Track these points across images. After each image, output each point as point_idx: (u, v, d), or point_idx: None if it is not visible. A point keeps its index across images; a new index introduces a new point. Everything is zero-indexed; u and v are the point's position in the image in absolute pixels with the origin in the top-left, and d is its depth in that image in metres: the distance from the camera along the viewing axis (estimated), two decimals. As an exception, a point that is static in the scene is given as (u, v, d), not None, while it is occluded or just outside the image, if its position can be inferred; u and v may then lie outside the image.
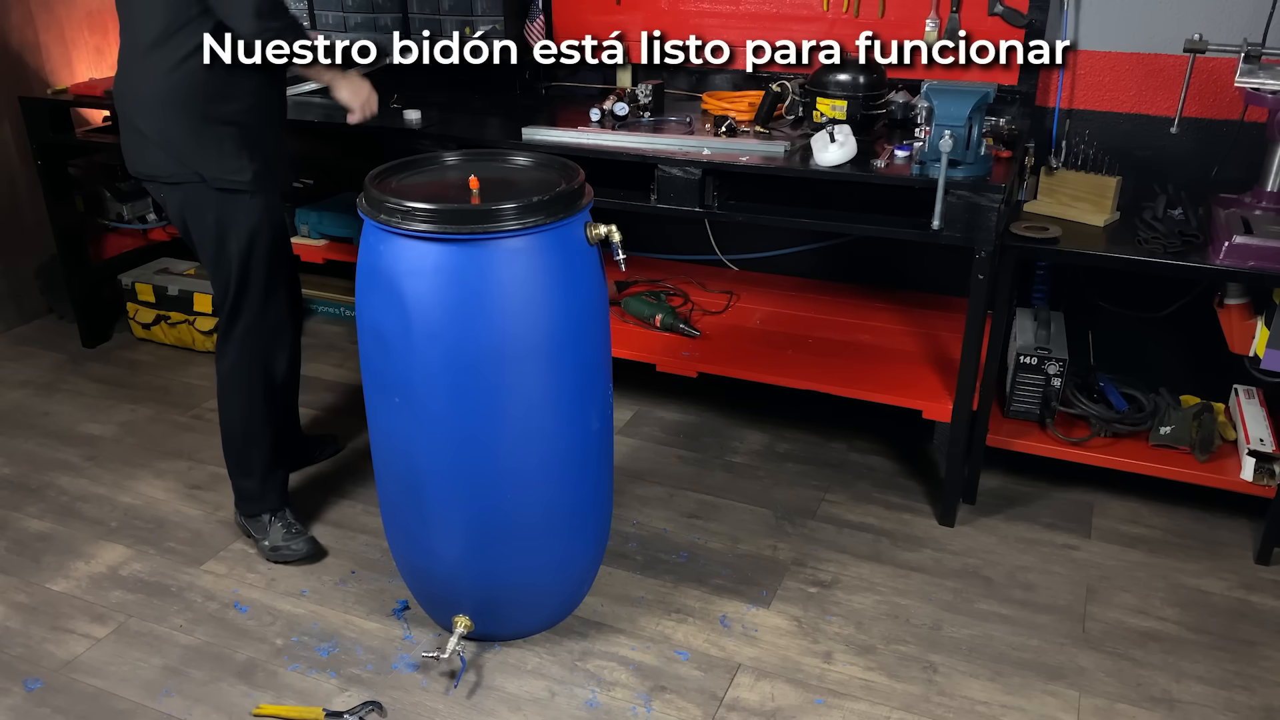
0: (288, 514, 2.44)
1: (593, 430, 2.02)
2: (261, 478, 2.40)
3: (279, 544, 2.40)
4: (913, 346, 2.76)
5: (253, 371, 2.34)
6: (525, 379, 1.88)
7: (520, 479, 1.96)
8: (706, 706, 1.99)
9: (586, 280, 1.92)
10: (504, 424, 1.90)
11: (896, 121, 2.57)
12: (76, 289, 3.51)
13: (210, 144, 2.14)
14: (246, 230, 2.21)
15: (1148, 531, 2.52)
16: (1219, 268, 2.19)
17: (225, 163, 2.16)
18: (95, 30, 3.74)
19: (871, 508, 2.62)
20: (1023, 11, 2.58)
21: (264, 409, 2.37)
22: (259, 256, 2.24)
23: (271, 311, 2.32)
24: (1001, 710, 1.98)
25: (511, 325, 1.83)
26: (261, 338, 2.32)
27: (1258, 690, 2.03)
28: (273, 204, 2.25)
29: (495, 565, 2.03)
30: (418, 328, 1.82)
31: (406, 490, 2.00)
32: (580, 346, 1.93)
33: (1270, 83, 2.21)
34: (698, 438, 2.95)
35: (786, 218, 2.43)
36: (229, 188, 2.17)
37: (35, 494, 2.71)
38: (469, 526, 1.99)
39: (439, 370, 1.84)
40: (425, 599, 2.19)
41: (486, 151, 2.12)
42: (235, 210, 2.19)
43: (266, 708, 1.98)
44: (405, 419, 1.92)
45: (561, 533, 2.06)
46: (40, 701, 2.02)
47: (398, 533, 2.11)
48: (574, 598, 2.23)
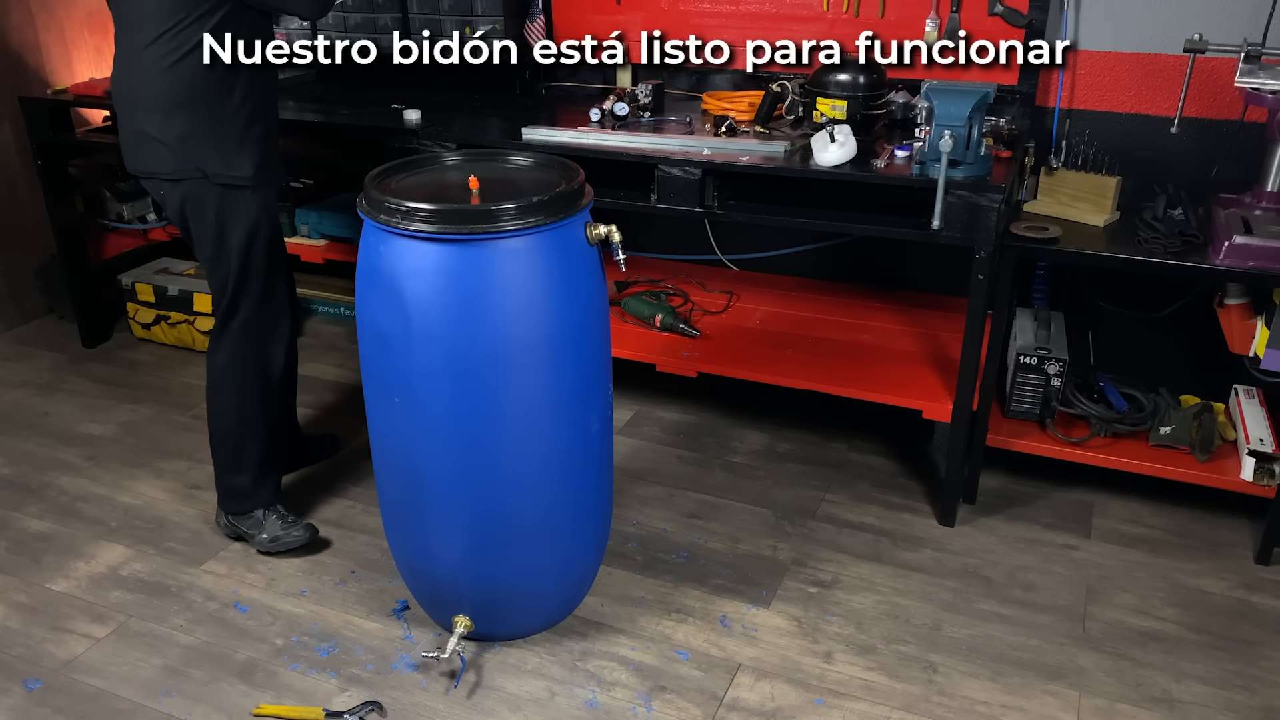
0: (280, 508, 2.44)
1: (593, 431, 2.02)
2: (255, 474, 2.40)
3: (277, 534, 2.39)
4: (913, 346, 2.76)
5: (248, 367, 2.34)
6: (525, 379, 1.88)
7: (520, 480, 1.96)
8: (706, 706, 1.99)
9: (587, 280, 1.92)
10: (504, 424, 1.90)
11: (896, 121, 2.57)
12: (76, 289, 3.51)
13: (211, 140, 2.16)
14: (246, 225, 2.22)
15: (1148, 531, 2.52)
16: (1219, 268, 2.19)
17: (226, 158, 2.17)
18: (95, 30, 3.74)
19: (871, 508, 2.62)
20: (1023, 11, 2.58)
21: (259, 405, 2.37)
22: (258, 251, 2.26)
23: (268, 307, 2.33)
24: (1001, 710, 1.98)
25: (512, 326, 1.83)
26: (257, 334, 2.33)
27: (1258, 690, 2.03)
28: (270, 200, 2.27)
29: (496, 566, 2.02)
30: (418, 328, 1.82)
31: (406, 491, 2.01)
32: (581, 347, 1.93)
33: (1270, 83, 2.21)
34: (698, 438, 2.95)
35: (786, 218, 2.43)
36: (230, 183, 2.19)
37: (35, 494, 2.71)
38: (469, 527, 1.99)
39: (439, 370, 1.84)
40: (426, 599, 2.19)
41: (486, 151, 2.13)
42: (236, 205, 2.21)
43: (266, 708, 1.98)
44: (405, 419, 1.92)
45: (562, 533, 2.06)
46: (40, 701, 2.02)
47: (398, 533, 2.11)
48: (574, 598, 2.23)
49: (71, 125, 3.40)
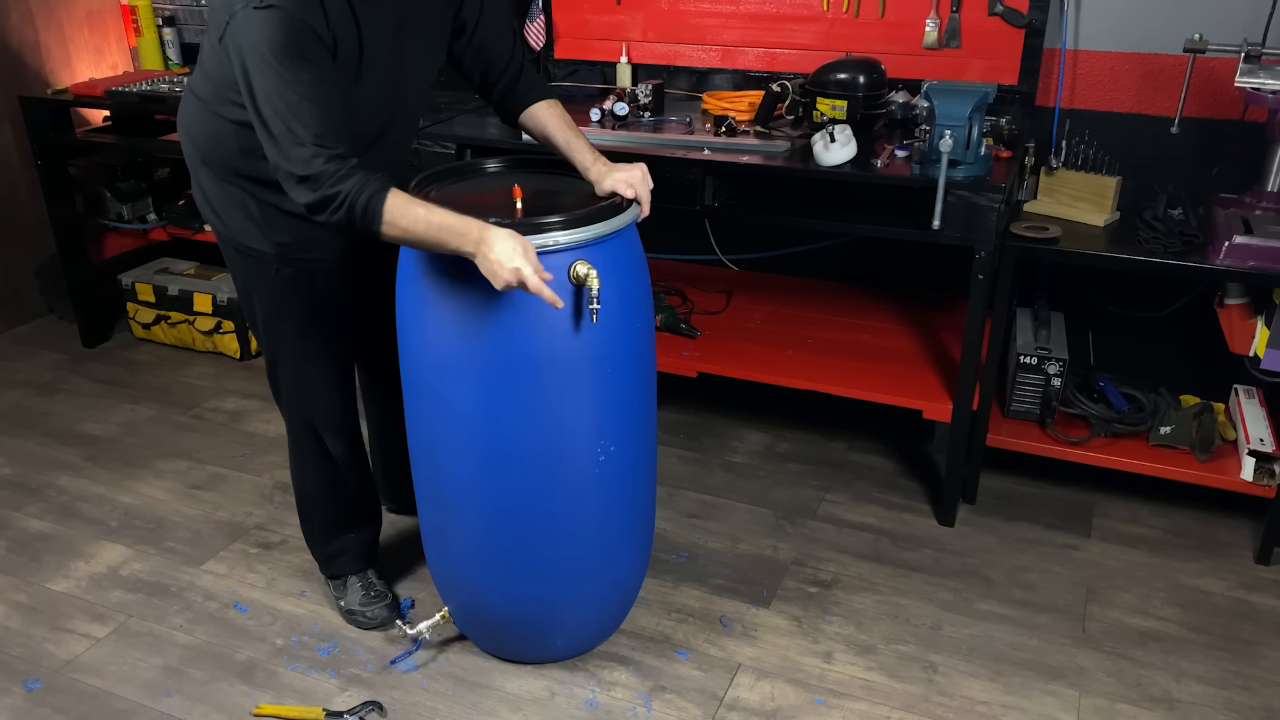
0: (370, 574, 2.23)
1: (640, 449, 1.96)
2: (324, 546, 2.22)
3: (354, 608, 2.20)
4: (913, 346, 2.76)
5: (302, 443, 2.12)
6: (567, 392, 1.79)
7: (562, 495, 1.88)
8: (706, 706, 1.99)
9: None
10: (544, 437, 1.82)
11: (896, 121, 2.57)
12: (76, 289, 3.51)
13: (232, 202, 1.91)
14: (268, 300, 1.98)
15: (1148, 531, 2.52)
16: (1219, 268, 2.19)
17: (247, 226, 1.91)
18: (95, 30, 3.74)
19: (871, 508, 2.62)
20: (1023, 11, 2.58)
21: (315, 481, 2.16)
22: (287, 333, 2.00)
23: (319, 392, 2.06)
24: (1001, 710, 1.98)
25: (555, 338, 1.75)
26: (306, 415, 2.09)
27: (1258, 690, 2.03)
28: (303, 278, 1.95)
29: (538, 586, 1.96)
30: (460, 339, 1.76)
31: (445, 509, 1.95)
32: (628, 358, 1.86)
33: (1270, 83, 2.21)
34: (698, 438, 2.95)
35: (786, 218, 2.43)
36: (248, 252, 1.94)
37: (35, 494, 2.71)
38: (505, 545, 1.91)
39: (481, 382, 1.78)
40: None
41: (526, 159, 2.06)
42: (257, 276, 1.96)
43: (266, 708, 1.98)
44: (442, 430, 1.85)
45: (609, 552, 2.00)
46: (40, 701, 2.02)
47: (440, 553, 2.04)
48: (619, 616, 2.17)
49: (71, 125, 3.40)
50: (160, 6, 3.67)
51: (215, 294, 3.39)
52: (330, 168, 1.59)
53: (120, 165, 3.62)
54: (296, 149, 1.59)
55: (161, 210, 3.66)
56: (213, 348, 3.50)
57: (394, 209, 1.61)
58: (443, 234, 1.61)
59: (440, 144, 2.65)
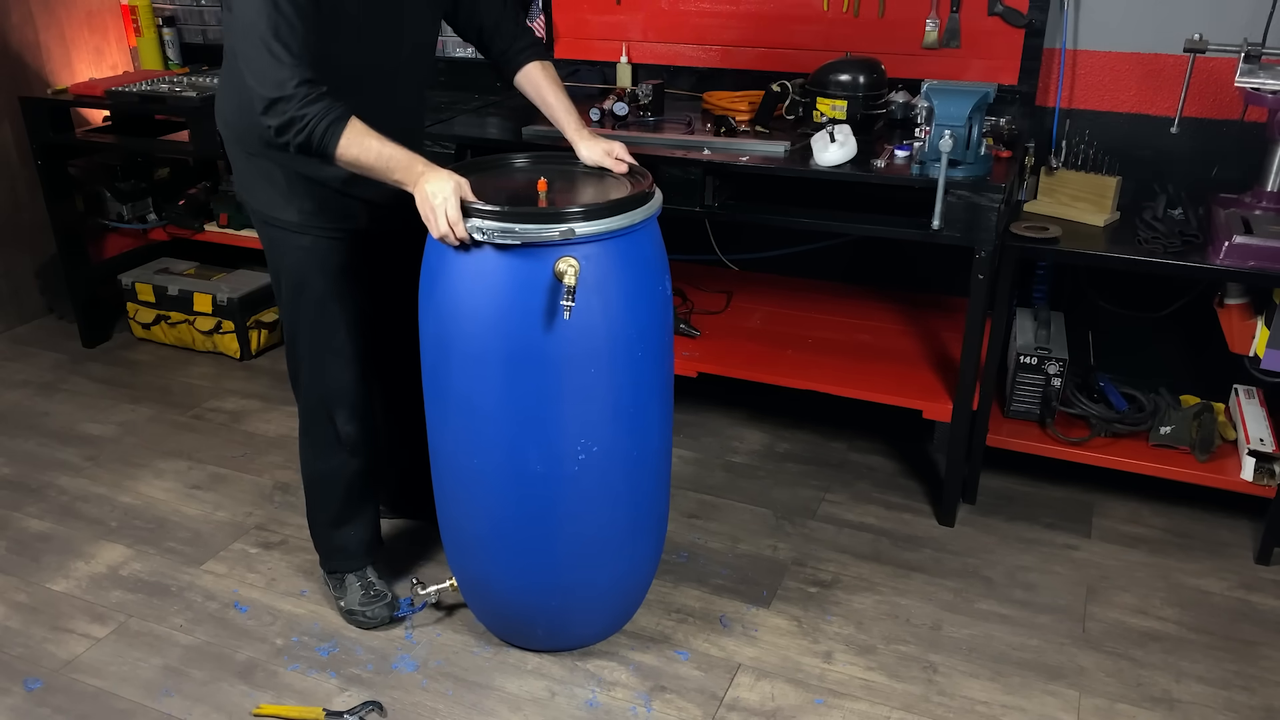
0: (369, 573, 2.22)
1: (653, 446, 1.96)
2: (326, 536, 2.22)
3: (354, 608, 2.19)
4: (913, 346, 2.76)
5: (314, 424, 2.12)
6: (588, 387, 1.80)
7: (582, 490, 1.89)
8: (706, 706, 1.99)
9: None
10: (566, 432, 1.83)
11: (896, 121, 2.57)
12: (76, 289, 3.51)
13: (261, 175, 1.94)
14: (291, 272, 1.99)
15: (1148, 531, 2.52)
16: (1219, 268, 2.19)
17: (273, 197, 1.95)
18: (95, 30, 3.74)
19: (871, 508, 2.62)
20: (1023, 11, 2.58)
21: (322, 465, 2.15)
22: (306, 305, 2.01)
23: (335, 374, 2.06)
24: (1001, 710, 1.98)
25: (577, 331, 1.75)
26: (320, 393, 2.08)
27: (1258, 690, 2.03)
28: (323, 247, 1.97)
29: (557, 577, 1.98)
30: (479, 333, 1.77)
31: (469, 502, 1.95)
32: (647, 352, 1.86)
33: (1270, 83, 2.21)
34: (698, 438, 2.95)
35: (786, 218, 2.43)
36: (274, 223, 1.98)
37: (35, 494, 2.71)
38: (528, 537, 1.93)
39: (501, 377, 1.79)
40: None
41: (550, 154, 2.09)
42: (282, 248, 1.99)
43: (266, 708, 1.98)
44: (464, 426, 1.86)
45: (623, 544, 2.01)
46: (40, 701, 2.02)
47: (458, 545, 2.06)
48: (632, 608, 2.19)
49: (71, 125, 3.40)
50: (160, 6, 3.67)
51: (215, 294, 3.39)
52: (301, 91, 1.67)
53: (120, 165, 3.62)
54: (275, 70, 1.66)
55: (161, 210, 3.66)
56: (213, 348, 3.50)
57: (350, 136, 1.69)
58: (390, 164, 1.71)
59: (440, 144, 2.64)
